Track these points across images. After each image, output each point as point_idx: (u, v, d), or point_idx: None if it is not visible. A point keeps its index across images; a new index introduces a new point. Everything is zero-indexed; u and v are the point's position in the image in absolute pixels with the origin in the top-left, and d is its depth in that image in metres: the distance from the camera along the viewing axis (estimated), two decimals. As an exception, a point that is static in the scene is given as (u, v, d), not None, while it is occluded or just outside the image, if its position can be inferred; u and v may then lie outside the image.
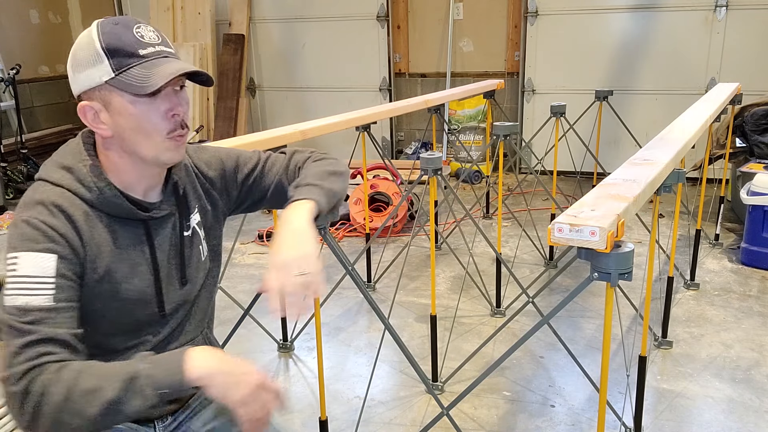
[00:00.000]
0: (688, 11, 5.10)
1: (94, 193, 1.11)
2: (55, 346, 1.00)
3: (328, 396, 2.40)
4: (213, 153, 1.34)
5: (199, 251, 1.28)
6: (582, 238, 1.15)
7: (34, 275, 1.02)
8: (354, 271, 1.89)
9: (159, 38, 1.11)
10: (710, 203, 4.45)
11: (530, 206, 4.70)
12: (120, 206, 1.13)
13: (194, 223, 1.27)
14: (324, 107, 6.10)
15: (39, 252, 1.03)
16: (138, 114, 1.08)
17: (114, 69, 1.06)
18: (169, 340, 1.25)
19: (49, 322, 1.00)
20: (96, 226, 1.11)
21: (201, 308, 1.32)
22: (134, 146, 1.11)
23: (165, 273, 1.21)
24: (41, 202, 1.07)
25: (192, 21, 6.21)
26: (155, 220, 1.19)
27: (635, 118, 5.20)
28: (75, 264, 1.07)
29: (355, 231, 4.31)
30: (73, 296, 1.06)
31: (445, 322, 2.98)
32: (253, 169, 1.36)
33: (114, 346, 1.17)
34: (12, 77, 5.51)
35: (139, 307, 1.17)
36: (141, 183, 1.17)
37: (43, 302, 1.01)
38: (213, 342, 1.39)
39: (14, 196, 5.47)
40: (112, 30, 1.07)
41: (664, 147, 1.92)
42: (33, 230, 1.04)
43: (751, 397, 2.35)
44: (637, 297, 3.07)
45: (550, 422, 2.25)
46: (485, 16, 5.83)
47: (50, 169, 1.13)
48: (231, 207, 1.37)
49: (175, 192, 1.23)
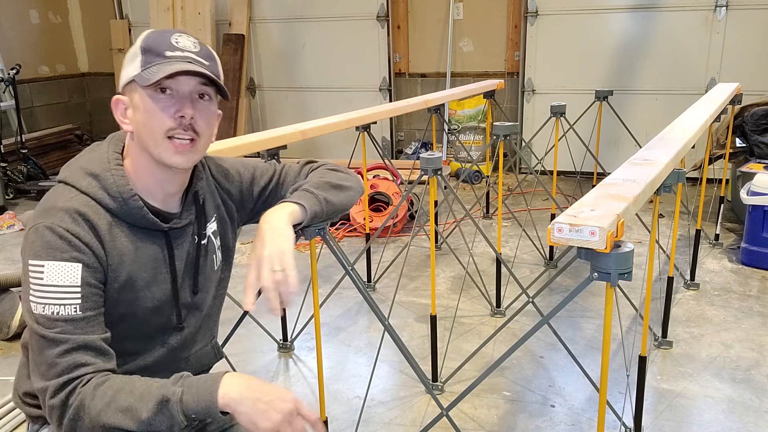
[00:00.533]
0: (688, 11, 5.10)
1: (119, 203, 1.12)
2: (88, 354, 1.03)
3: (328, 396, 2.40)
4: (231, 165, 1.36)
5: (213, 260, 1.29)
6: (582, 238, 1.15)
7: (60, 284, 1.03)
8: (354, 271, 1.89)
9: (197, 48, 1.14)
10: (710, 203, 4.45)
11: (530, 206, 4.70)
12: (143, 217, 1.14)
13: (210, 232, 1.28)
14: (324, 107, 6.10)
15: (65, 261, 1.04)
16: (148, 109, 1.10)
17: (141, 66, 1.10)
18: (181, 348, 1.27)
19: (79, 331, 1.03)
20: (118, 235, 1.12)
21: (211, 318, 1.34)
22: (145, 144, 1.12)
23: (181, 282, 1.22)
24: (66, 209, 1.08)
25: (192, 21, 6.21)
26: (175, 230, 1.20)
27: (635, 118, 5.20)
28: (99, 272, 1.08)
29: (355, 231, 4.31)
30: (99, 302, 1.09)
31: (445, 322, 2.98)
32: (269, 183, 1.38)
33: (127, 349, 1.18)
34: (12, 77, 5.51)
35: (156, 315, 1.19)
36: (160, 189, 1.18)
37: (72, 312, 1.03)
38: (219, 350, 1.40)
39: (14, 196, 5.47)
40: (156, 34, 1.13)
41: (664, 147, 1.92)
42: (57, 238, 1.05)
43: (751, 397, 2.35)
44: (637, 297, 3.07)
45: (550, 422, 2.25)
46: (485, 16, 5.83)
47: (77, 174, 1.13)
48: (245, 218, 1.39)
49: (195, 201, 1.24)
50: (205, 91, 1.14)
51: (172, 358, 1.25)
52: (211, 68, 1.14)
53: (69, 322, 1.03)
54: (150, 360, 1.22)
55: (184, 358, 1.29)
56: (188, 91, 1.12)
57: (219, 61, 1.20)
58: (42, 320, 1.03)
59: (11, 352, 2.86)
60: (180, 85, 1.11)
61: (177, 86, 1.11)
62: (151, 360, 1.22)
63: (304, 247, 3.99)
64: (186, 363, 1.29)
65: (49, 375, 1.01)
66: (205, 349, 1.34)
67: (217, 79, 1.14)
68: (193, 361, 1.31)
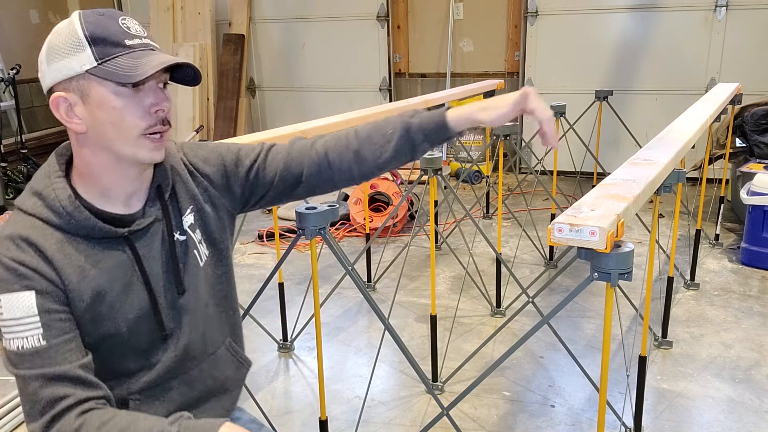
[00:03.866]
0: (688, 11, 5.10)
1: (65, 218, 1.04)
2: (65, 386, 0.99)
3: (328, 396, 2.40)
4: (212, 148, 1.26)
5: (195, 256, 1.19)
6: (582, 238, 1.15)
7: (18, 317, 0.99)
8: (354, 271, 1.89)
9: (144, 32, 1.06)
10: (710, 203, 4.45)
11: (530, 206, 4.70)
12: (93, 228, 1.05)
13: (186, 226, 1.18)
14: (324, 107, 6.10)
15: (15, 292, 1.00)
16: (120, 107, 1.02)
17: (97, 57, 1.00)
18: (184, 358, 1.18)
19: (48, 362, 0.99)
20: (72, 253, 1.05)
21: (214, 317, 1.24)
22: (111, 142, 1.04)
23: (162, 284, 1.14)
24: (9, 236, 1.03)
25: (192, 21, 6.21)
26: (137, 232, 1.11)
27: (635, 118, 5.20)
28: (56, 295, 1.02)
29: (355, 231, 4.31)
30: (66, 327, 1.02)
31: (445, 322, 2.98)
32: (255, 161, 1.25)
33: (127, 368, 1.14)
34: (12, 77, 5.51)
35: (142, 324, 1.12)
36: (121, 187, 1.10)
37: (36, 343, 0.99)
38: (240, 355, 1.32)
39: (14, 196, 5.47)
40: (97, 20, 1.02)
41: (664, 147, 1.92)
42: (4, 270, 1.00)
43: (751, 397, 2.35)
44: (637, 297, 3.07)
45: (550, 422, 2.25)
46: (485, 16, 5.83)
47: (25, 196, 1.08)
48: (237, 205, 1.27)
49: (159, 196, 1.15)
50: (165, 78, 1.08)
51: (179, 367, 1.18)
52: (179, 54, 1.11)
53: (36, 355, 0.99)
54: (154, 375, 1.15)
55: (195, 366, 1.21)
56: (156, 82, 1.06)
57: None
58: (12, 356, 0.99)
59: (11, 352, 2.86)
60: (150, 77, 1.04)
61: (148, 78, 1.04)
62: (154, 375, 1.15)
63: (304, 246, 3.99)
64: (200, 371, 1.21)
65: (33, 415, 0.98)
66: (217, 353, 1.25)
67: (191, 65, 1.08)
68: (205, 368, 1.23)
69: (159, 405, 1.17)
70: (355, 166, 1.24)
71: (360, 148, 1.23)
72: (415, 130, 1.20)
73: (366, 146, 1.23)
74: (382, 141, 1.22)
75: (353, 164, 1.24)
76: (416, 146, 1.22)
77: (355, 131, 1.26)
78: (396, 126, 1.22)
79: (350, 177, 1.26)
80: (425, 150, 1.23)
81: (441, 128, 1.19)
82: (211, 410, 1.26)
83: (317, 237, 1.62)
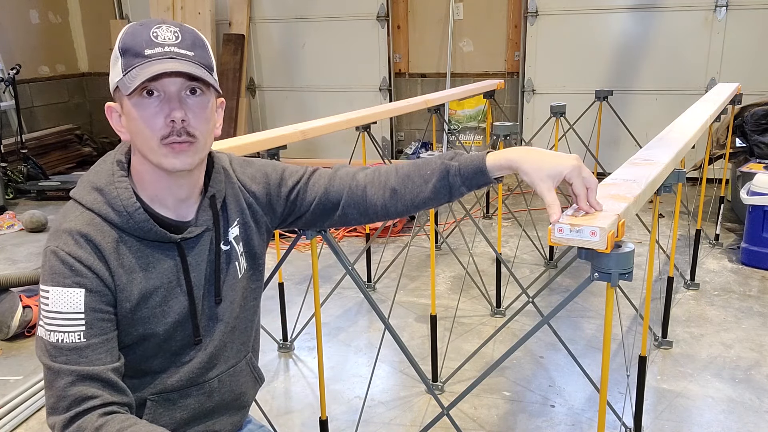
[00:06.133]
0: (688, 11, 5.10)
1: (124, 217, 1.06)
2: (95, 386, 1.00)
3: (328, 396, 2.40)
4: (259, 167, 1.27)
5: (236, 267, 1.21)
6: (582, 238, 1.15)
7: (64, 311, 1.01)
8: (354, 271, 1.89)
9: (178, 38, 1.04)
10: (710, 203, 4.45)
11: (530, 206, 4.70)
12: (150, 231, 1.07)
13: (231, 237, 1.20)
14: (324, 107, 6.10)
15: (67, 287, 1.01)
16: (137, 117, 1.03)
17: (123, 69, 1.02)
18: (208, 366, 1.19)
19: (84, 361, 1.01)
20: (125, 253, 1.07)
21: (241, 331, 1.25)
22: (143, 151, 1.06)
23: (201, 292, 1.15)
24: (69, 231, 1.04)
25: (192, 21, 6.21)
26: (189, 239, 1.13)
27: (635, 118, 5.20)
28: (105, 295, 1.04)
29: (355, 231, 4.31)
30: (107, 328, 1.04)
31: (445, 322, 2.98)
32: (297, 182, 1.27)
33: (152, 368, 1.15)
34: (12, 77, 5.52)
35: (177, 329, 1.14)
36: (169, 196, 1.11)
37: (76, 339, 1.01)
38: (258, 372, 1.33)
39: (14, 196, 5.47)
40: (133, 30, 1.03)
41: (664, 147, 1.92)
42: (60, 264, 1.02)
43: (751, 397, 2.35)
44: (637, 297, 3.07)
45: (550, 422, 2.25)
46: (485, 16, 5.83)
47: (84, 189, 1.09)
48: (275, 223, 1.30)
49: (212, 205, 1.16)
50: (194, 85, 1.04)
51: (199, 376, 1.18)
52: (198, 57, 1.04)
53: (73, 351, 1.00)
54: (176, 378, 1.16)
55: (216, 377, 1.21)
56: (176, 90, 1.03)
57: (207, 44, 1.09)
58: (49, 347, 1.00)
59: (11, 352, 2.86)
60: (166, 86, 1.02)
61: (163, 87, 1.02)
62: (177, 378, 1.16)
63: (304, 246, 3.99)
64: (219, 382, 1.22)
65: (57, 409, 0.99)
66: (238, 366, 1.25)
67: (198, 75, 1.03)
68: (225, 380, 1.23)
69: (175, 410, 1.18)
70: (391, 204, 1.25)
71: (398, 186, 1.24)
72: (454, 173, 1.20)
73: (404, 185, 1.23)
74: (420, 181, 1.22)
75: (389, 201, 1.25)
76: (453, 190, 1.21)
77: (396, 169, 1.27)
78: (435, 168, 1.22)
79: (385, 213, 1.27)
80: (463, 193, 1.22)
81: (479, 174, 1.19)
82: (222, 425, 1.27)
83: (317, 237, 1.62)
